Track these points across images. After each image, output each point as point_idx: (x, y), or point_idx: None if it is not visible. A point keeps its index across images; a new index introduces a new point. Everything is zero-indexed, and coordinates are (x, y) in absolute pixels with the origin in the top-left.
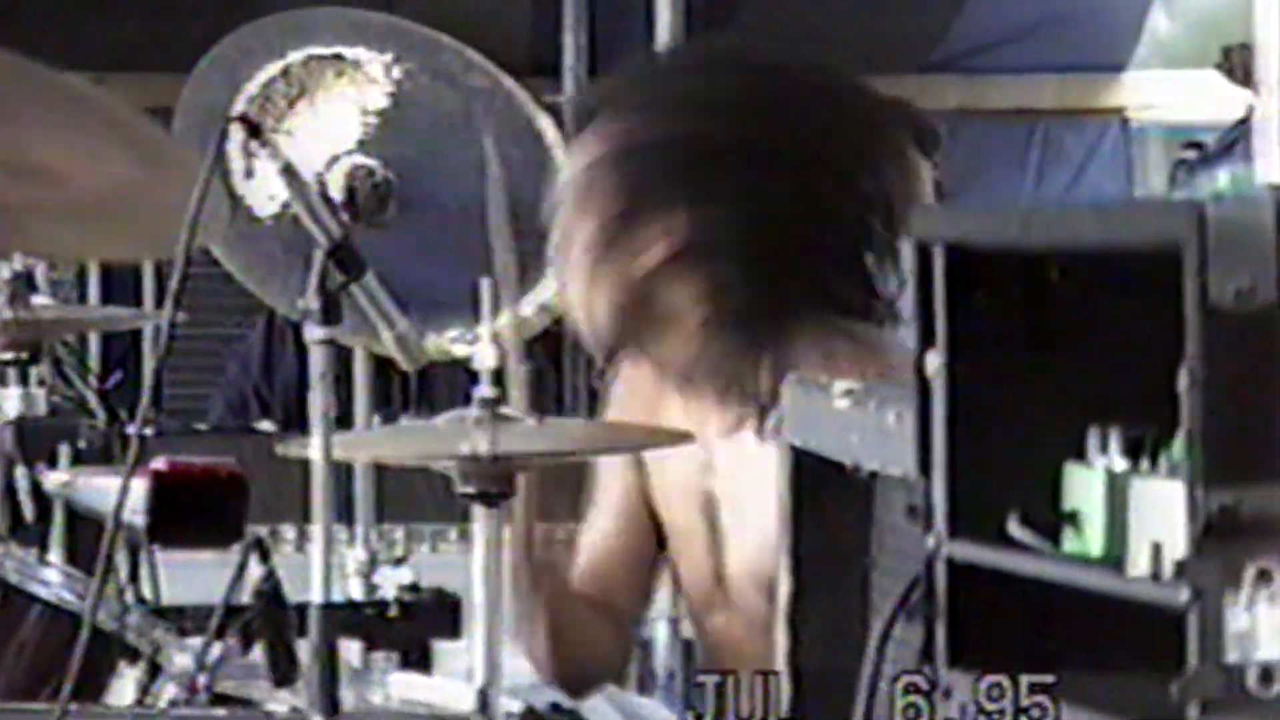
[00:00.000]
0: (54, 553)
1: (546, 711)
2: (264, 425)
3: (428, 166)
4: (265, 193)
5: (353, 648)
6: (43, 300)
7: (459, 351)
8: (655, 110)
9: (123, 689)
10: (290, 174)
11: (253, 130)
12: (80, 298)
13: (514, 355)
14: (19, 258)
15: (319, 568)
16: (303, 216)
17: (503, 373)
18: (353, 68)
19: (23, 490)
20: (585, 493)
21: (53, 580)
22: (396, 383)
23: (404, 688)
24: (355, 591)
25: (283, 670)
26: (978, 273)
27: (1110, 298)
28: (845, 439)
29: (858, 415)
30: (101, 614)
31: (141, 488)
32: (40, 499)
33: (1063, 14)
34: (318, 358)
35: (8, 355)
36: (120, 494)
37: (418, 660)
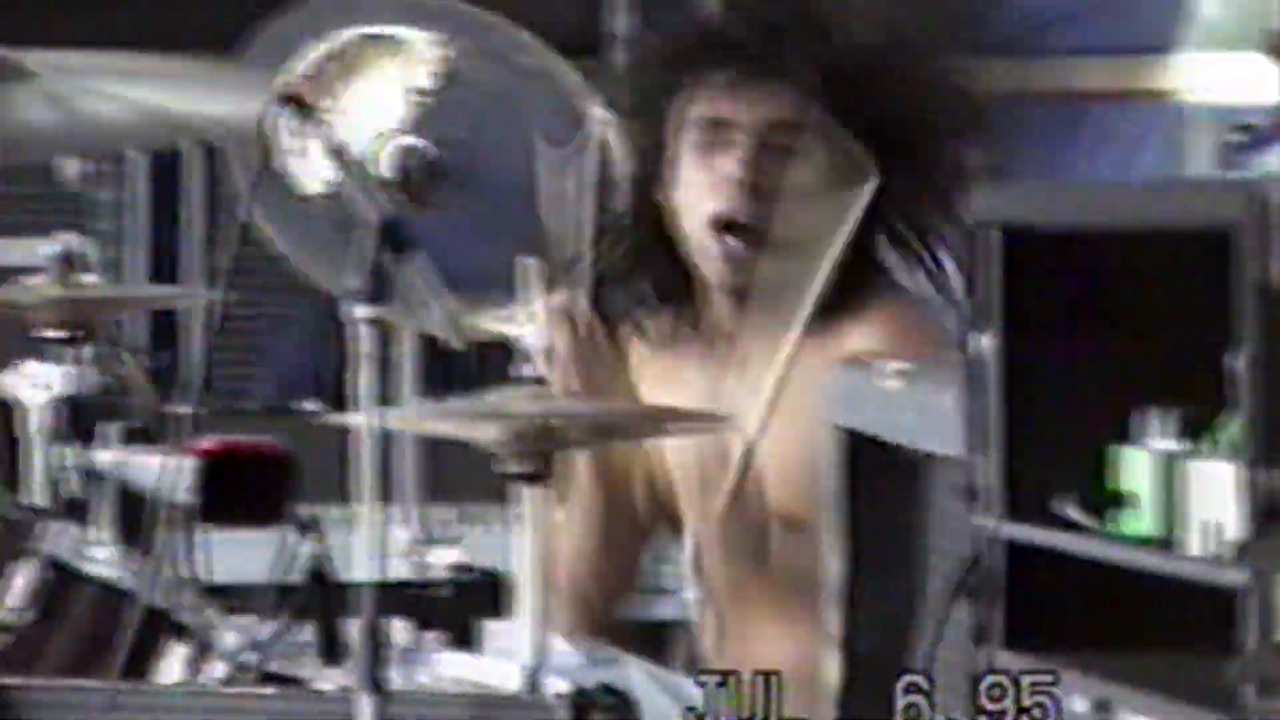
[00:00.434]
0: (104, 531)
1: (595, 691)
2: (309, 405)
3: (477, 146)
4: (314, 172)
5: (401, 627)
6: (91, 278)
7: (507, 331)
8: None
9: (172, 667)
10: (341, 153)
11: (304, 109)
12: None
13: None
14: (68, 235)
15: (368, 547)
16: (352, 196)
17: (550, 352)
18: (404, 48)
19: (73, 469)
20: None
21: (103, 558)
22: (443, 363)
23: (452, 667)
24: (403, 571)
25: (331, 649)
26: (1031, 253)
27: (1162, 277)
28: (897, 420)
29: (909, 396)
30: (152, 592)
31: (190, 467)
32: (90, 477)
33: None
34: (364, 337)
35: (57, 333)
36: (169, 473)
37: (466, 640)
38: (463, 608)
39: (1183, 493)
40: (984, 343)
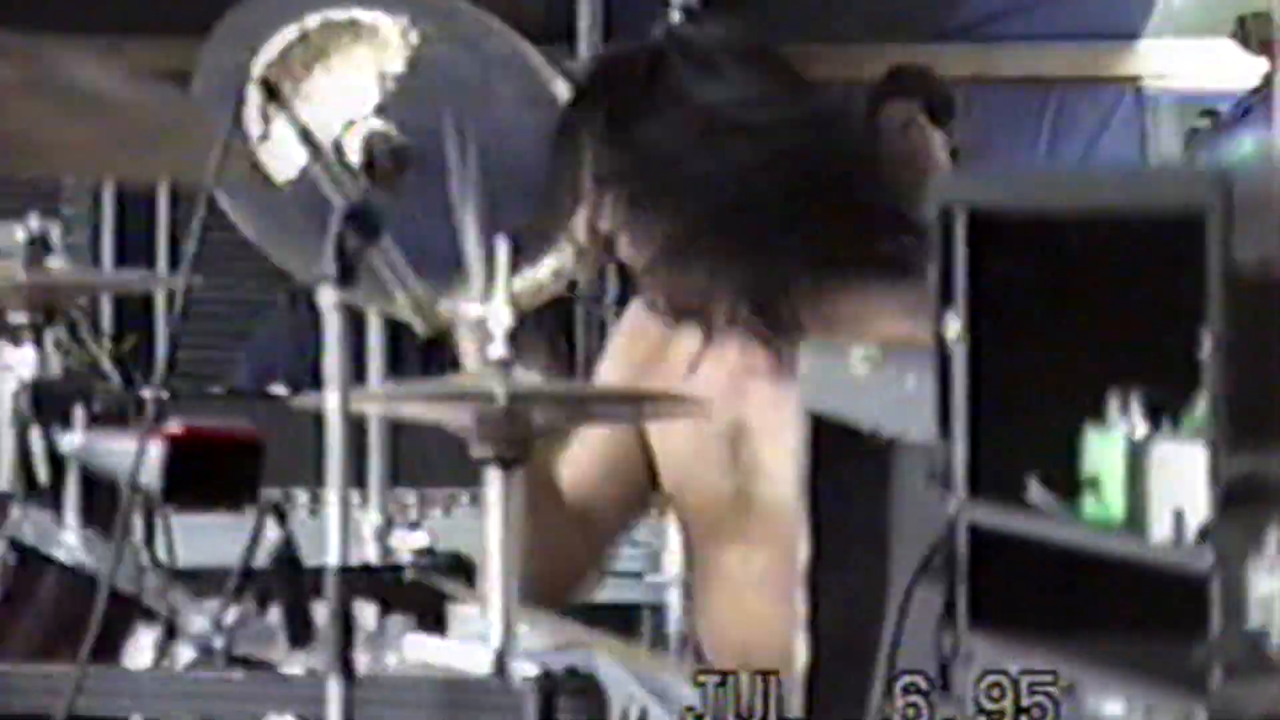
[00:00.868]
0: (70, 515)
1: (562, 675)
2: (277, 389)
3: (444, 131)
4: (283, 157)
5: (368, 611)
6: (58, 263)
7: (473, 314)
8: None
9: (140, 650)
10: (308, 138)
11: (271, 93)
12: (94, 261)
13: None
14: (34, 220)
15: (335, 530)
16: (320, 180)
17: (517, 335)
18: (370, 32)
19: (38, 453)
20: None
21: (69, 542)
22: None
23: (419, 650)
24: (370, 555)
25: (299, 633)
26: (999, 236)
27: (1130, 262)
28: (863, 404)
29: (876, 380)
30: (119, 576)
31: (157, 451)
32: (55, 461)
33: None
34: (332, 321)
35: (23, 317)
36: (136, 457)
37: (432, 623)
38: (429, 592)
39: (1150, 477)
40: (952, 327)
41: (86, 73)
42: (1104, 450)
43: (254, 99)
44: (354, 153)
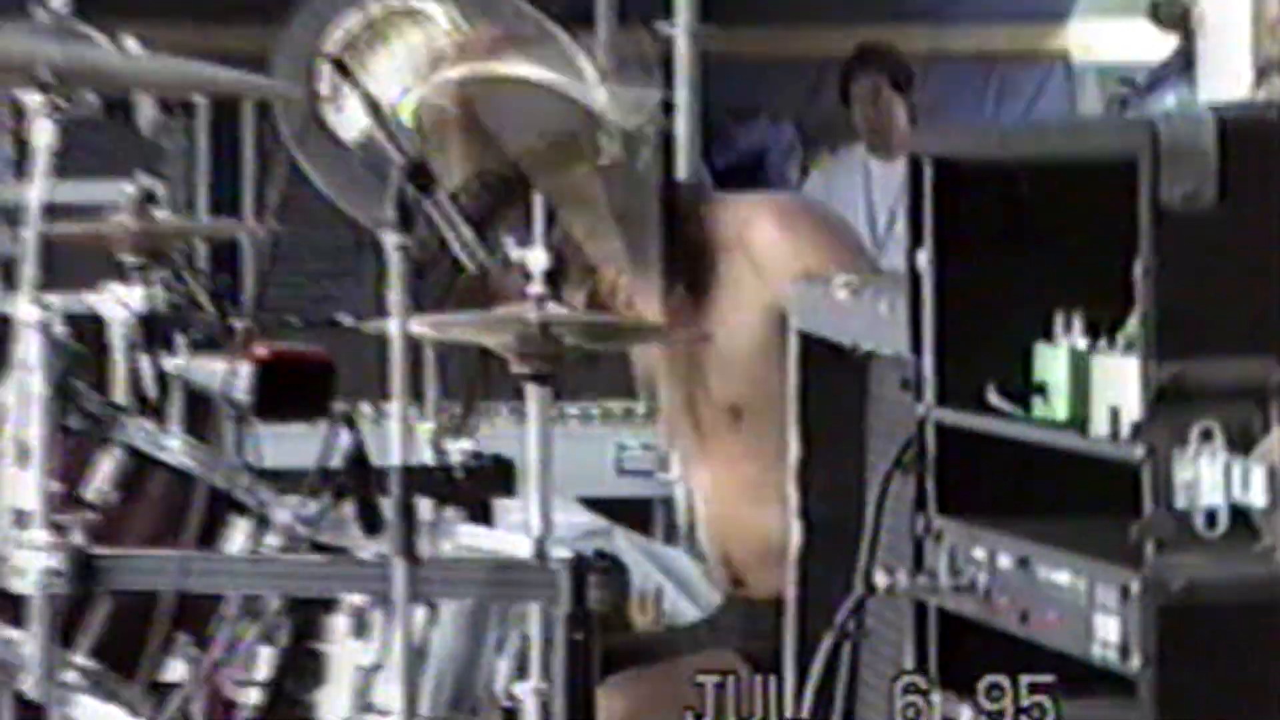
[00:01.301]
0: (174, 425)
1: (591, 558)
2: (346, 318)
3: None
4: (351, 122)
5: (425, 505)
6: (161, 214)
7: (514, 255)
8: None
9: (235, 539)
10: (372, 105)
11: (342, 69)
12: (191, 211)
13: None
14: (141, 177)
15: (397, 437)
16: (383, 142)
17: (557, 275)
18: (423, 18)
19: (147, 373)
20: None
21: (174, 447)
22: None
23: (470, 538)
24: (426, 458)
25: (370, 523)
26: (961, 181)
27: (1073, 201)
28: (845, 324)
29: (856, 304)
30: (216, 476)
31: (246, 371)
32: (162, 380)
33: None
34: (394, 260)
35: (132, 260)
36: (228, 376)
37: (481, 516)
38: (477, 489)
39: (1091, 383)
40: (921, 259)
41: None
42: (1051, 361)
43: (328, 74)
44: (410, 119)
